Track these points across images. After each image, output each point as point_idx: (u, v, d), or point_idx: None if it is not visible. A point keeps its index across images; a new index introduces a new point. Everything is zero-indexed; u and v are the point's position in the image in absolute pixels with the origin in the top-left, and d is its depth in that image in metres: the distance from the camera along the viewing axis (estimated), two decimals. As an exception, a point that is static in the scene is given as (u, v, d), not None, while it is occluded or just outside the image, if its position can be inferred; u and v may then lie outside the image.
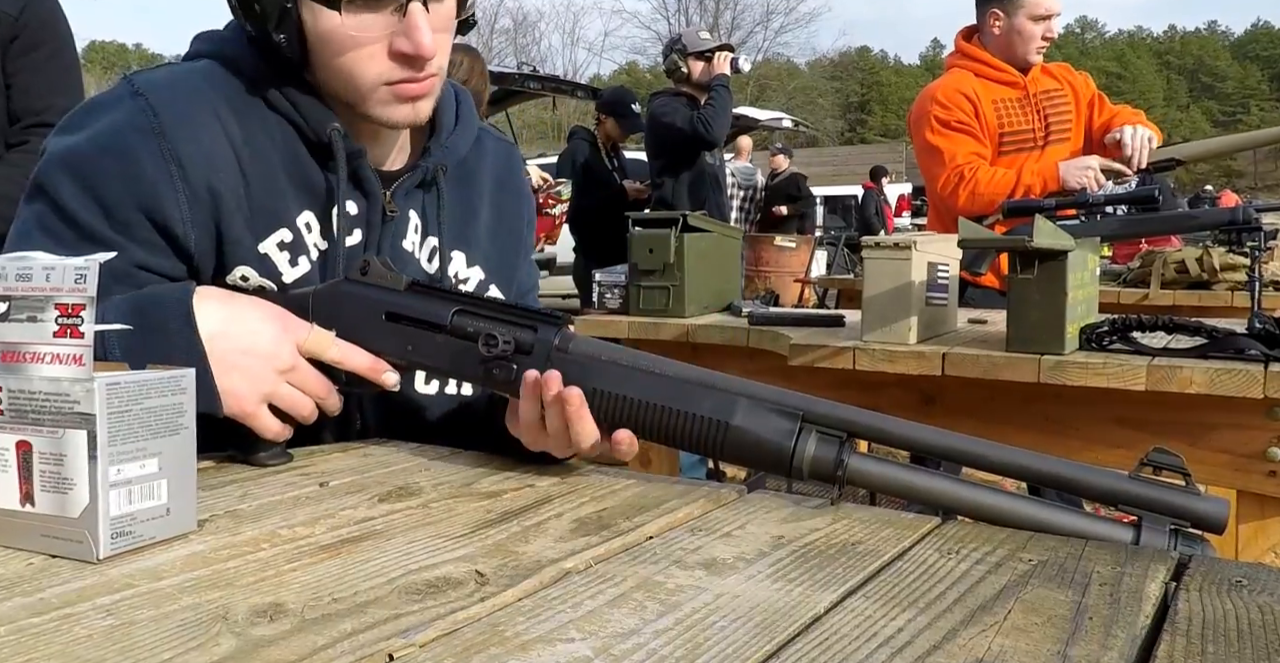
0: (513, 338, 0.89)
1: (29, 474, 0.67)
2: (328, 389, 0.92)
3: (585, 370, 0.86)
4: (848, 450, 0.80)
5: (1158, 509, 0.72)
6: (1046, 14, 2.85)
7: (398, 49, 0.96)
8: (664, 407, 0.84)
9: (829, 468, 0.80)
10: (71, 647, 0.53)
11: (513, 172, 1.24)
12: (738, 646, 0.53)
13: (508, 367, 0.89)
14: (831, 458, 0.80)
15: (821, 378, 1.96)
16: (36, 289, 0.68)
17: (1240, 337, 1.57)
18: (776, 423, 0.82)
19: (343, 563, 0.66)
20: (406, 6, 0.94)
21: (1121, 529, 0.73)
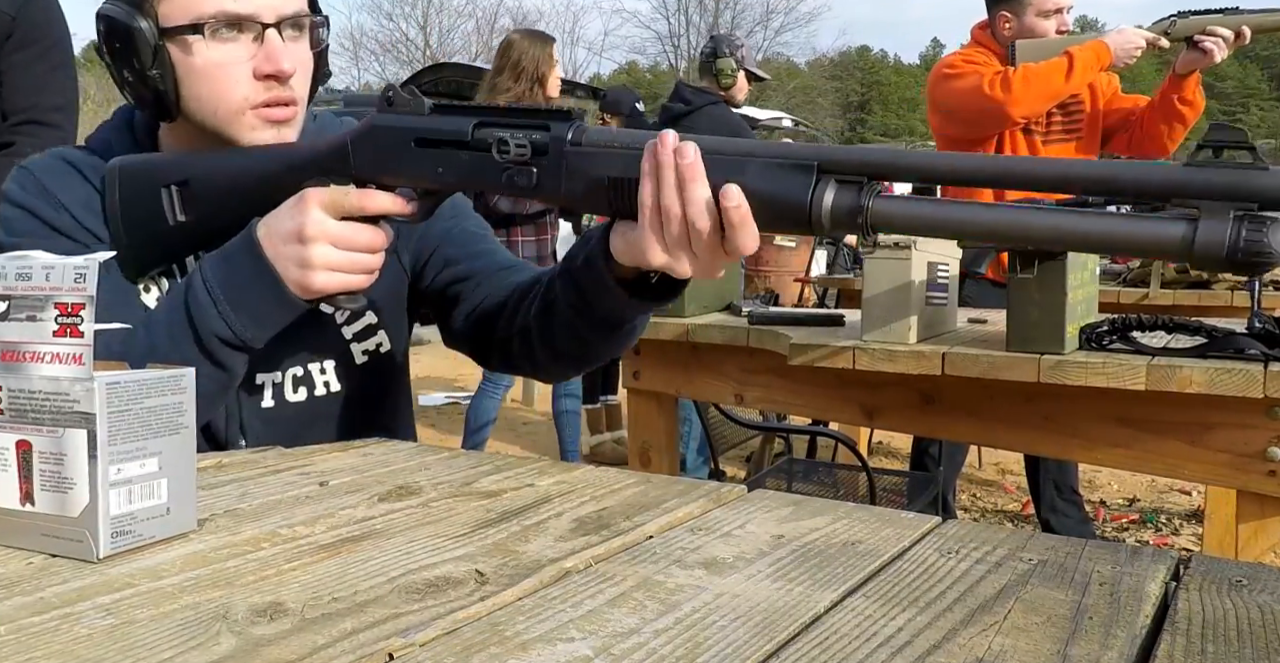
0: (527, 141, 0.87)
1: (29, 474, 0.67)
2: (369, 234, 0.97)
3: (600, 160, 0.84)
4: (868, 194, 0.74)
5: (1219, 195, 0.61)
6: (1056, 8, 2.80)
7: (260, 70, 1.04)
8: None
9: (850, 215, 0.75)
10: (71, 646, 0.53)
11: None
12: (738, 645, 0.53)
13: (526, 171, 0.87)
14: (851, 204, 0.74)
15: (821, 377, 1.96)
16: (36, 288, 0.68)
17: (1240, 336, 1.57)
18: (790, 178, 0.76)
19: (342, 562, 0.66)
20: (263, 33, 1.04)
21: (1169, 225, 0.63)
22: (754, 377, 2.15)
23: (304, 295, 0.99)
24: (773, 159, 0.78)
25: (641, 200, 0.81)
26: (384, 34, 34.83)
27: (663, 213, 0.81)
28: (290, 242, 0.96)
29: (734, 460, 4.10)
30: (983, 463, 4.19)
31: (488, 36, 34.69)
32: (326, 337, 1.16)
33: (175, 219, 1.05)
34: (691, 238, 0.81)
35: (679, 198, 0.80)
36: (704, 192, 0.79)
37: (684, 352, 2.24)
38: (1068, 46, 2.71)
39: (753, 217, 0.79)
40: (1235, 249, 0.61)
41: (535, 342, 1.09)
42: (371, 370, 1.19)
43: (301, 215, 0.96)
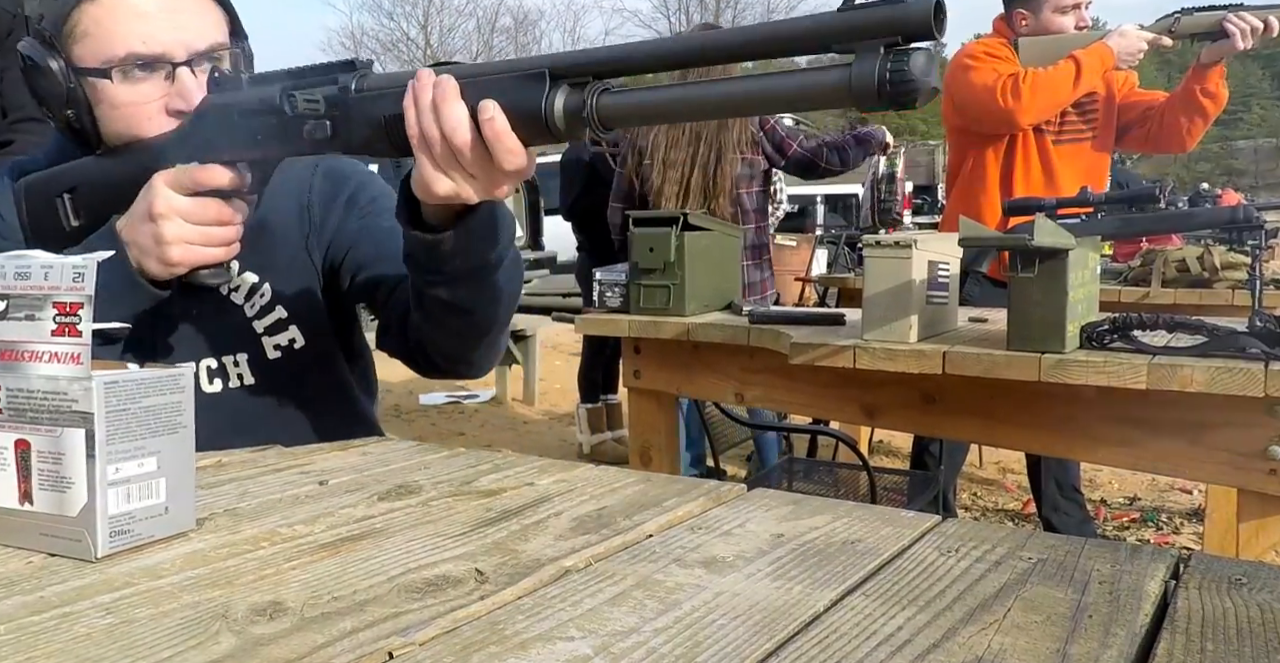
0: (320, 96, 0.91)
1: (28, 473, 0.67)
2: (216, 207, 1.01)
3: (377, 102, 0.89)
4: (592, 91, 0.78)
5: (865, 35, 0.65)
6: (1074, 3, 2.78)
7: (173, 108, 1.07)
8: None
9: (578, 113, 0.78)
10: (71, 645, 0.53)
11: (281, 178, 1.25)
12: (737, 644, 0.53)
13: (322, 125, 0.92)
14: (577, 104, 0.78)
15: (822, 376, 1.95)
16: (35, 287, 0.68)
17: (1241, 335, 1.56)
18: (528, 87, 0.80)
19: (342, 561, 0.66)
20: (174, 72, 1.06)
21: (828, 71, 0.67)
22: (754, 376, 2.15)
23: (166, 271, 1.02)
24: (513, 73, 0.82)
25: (408, 130, 0.86)
26: (384, 33, 34.84)
27: (426, 138, 0.85)
28: (144, 221, 1.01)
29: (734, 460, 4.10)
30: (984, 462, 4.19)
31: (488, 35, 34.71)
32: (236, 329, 1.19)
33: (70, 224, 1.10)
34: (458, 157, 0.85)
35: (435, 120, 0.84)
36: (458, 110, 0.83)
37: (684, 351, 2.24)
38: (1072, 48, 2.70)
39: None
40: (884, 82, 0.64)
41: (427, 330, 1.12)
42: (286, 366, 1.21)
43: (151, 195, 1.00)
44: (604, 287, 2.38)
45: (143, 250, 1.02)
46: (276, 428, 1.17)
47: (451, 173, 0.86)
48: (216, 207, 1.02)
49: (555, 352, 7.21)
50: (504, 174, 0.86)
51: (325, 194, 1.25)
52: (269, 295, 1.20)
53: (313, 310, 1.23)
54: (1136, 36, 2.69)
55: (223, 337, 1.18)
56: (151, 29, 1.05)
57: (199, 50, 1.07)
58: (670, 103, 0.78)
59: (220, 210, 1.02)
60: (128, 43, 1.05)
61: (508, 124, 0.82)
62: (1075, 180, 2.77)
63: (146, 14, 1.05)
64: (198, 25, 1.08)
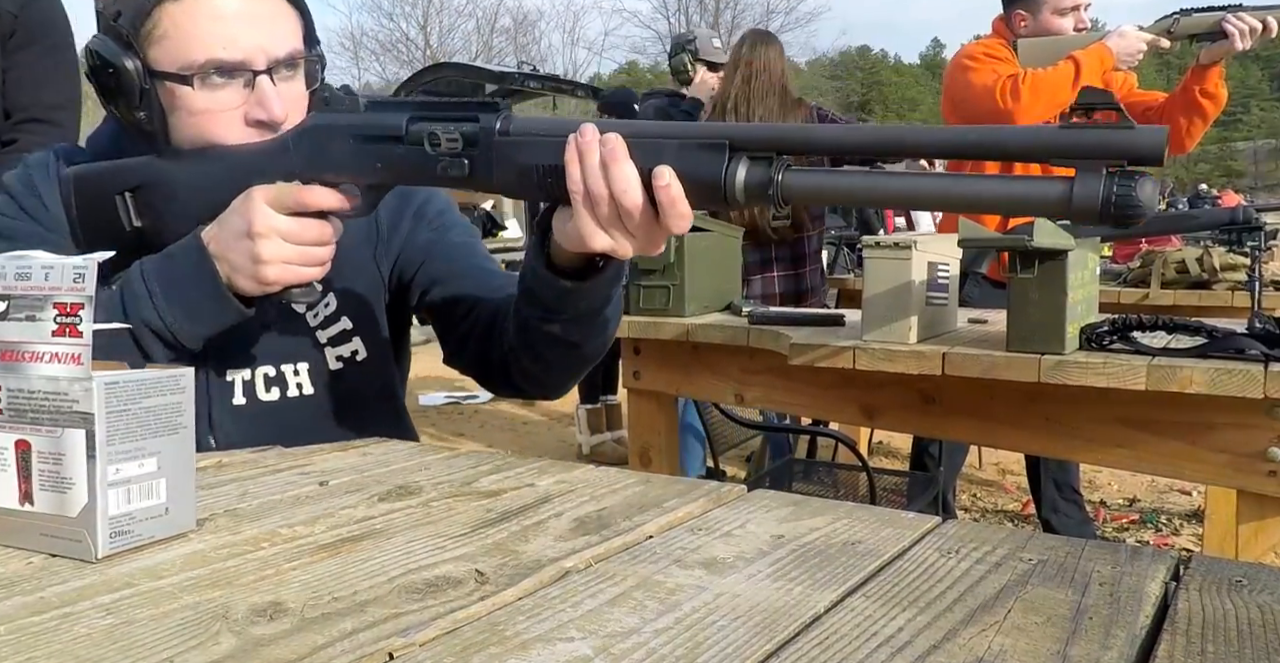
0: (458, 133, 0.90)
1: (28, 473, 0.67)
2: (317, 228, 0.99)
3: (527, 149, 0.87)
4: (779, 168, 0.78)
5: (1091, 154, 0.66)
6: (1073, 5, 2.78)
7: (253, 117, 1.04)
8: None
9: (762, 189, 0.78)
10: (71, 646, 0.53)
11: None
12: (738, 645, 0.53)
13: (459, 162, 0.90)
14: (762, 178, 0.78)
15: (822, 377, 1.95)
16: (35, 288, 0.68)
17: (1240, 336, 1.56)
18: (705, 157, 0.80)
19: (342, 562, 0.66)
20: (254, 80, 1.03)
21: (1049, 184, 0.67)
22: (754, 377, 2.15)
23: (260, 289, 0.99)
24: (688, 139, 0.81)
25: (571, 186, 0.84)
26: (384, 33, 34.87)
27: (592, 196, 0.83)
28: (241, 238, 0.98)
29: (734, 460, 4.10)
30: (983, 463, 4.19)
31: (488, 36, 34.72)
32: (298, 339, 1.17)
33: (131, 224, 1.06)
34: (624, 218, 0.84)
35: (604, 180, 0.82)
36: (629, 172, 0.82)
37: (684, 352, 2.24)
38: (1071, 50, 2.69)
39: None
40: (1108, 203, 0.65)
41: (525, 361, 1.11)
42: (347, 377, 1.19)
43: (250, 212, 0.97)
44: (604, 287, 2.38)
45: (235, 267, 0.99)
46: (331, 438, 1.13)
47: (613, 231, 0.85)
48: (318, 227, 0.99)
49: (555, 352, 7.19)
50: (666, 235, 0.86)
51: (393, 207, 1.22)
52: (334, 306, 1.18)
53: (376, 322, 1.21)
54: (1136, 37, 2.69)
55: (284, 346, 1.16)
56: (233, 34, 1.02)
57: (278, 58, 1.04)
58: (865, 189, 0.77)
59: (321, 231, 0.99)
60: (209, 48, 1.01)
61: (683, 191, 0.81)
62: None
63: (228, 17, 1.02)
64: (278, 31, 1.05)
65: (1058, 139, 0.67)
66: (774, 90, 3.22)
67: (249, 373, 1.14)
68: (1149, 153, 0.64)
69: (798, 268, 3.28)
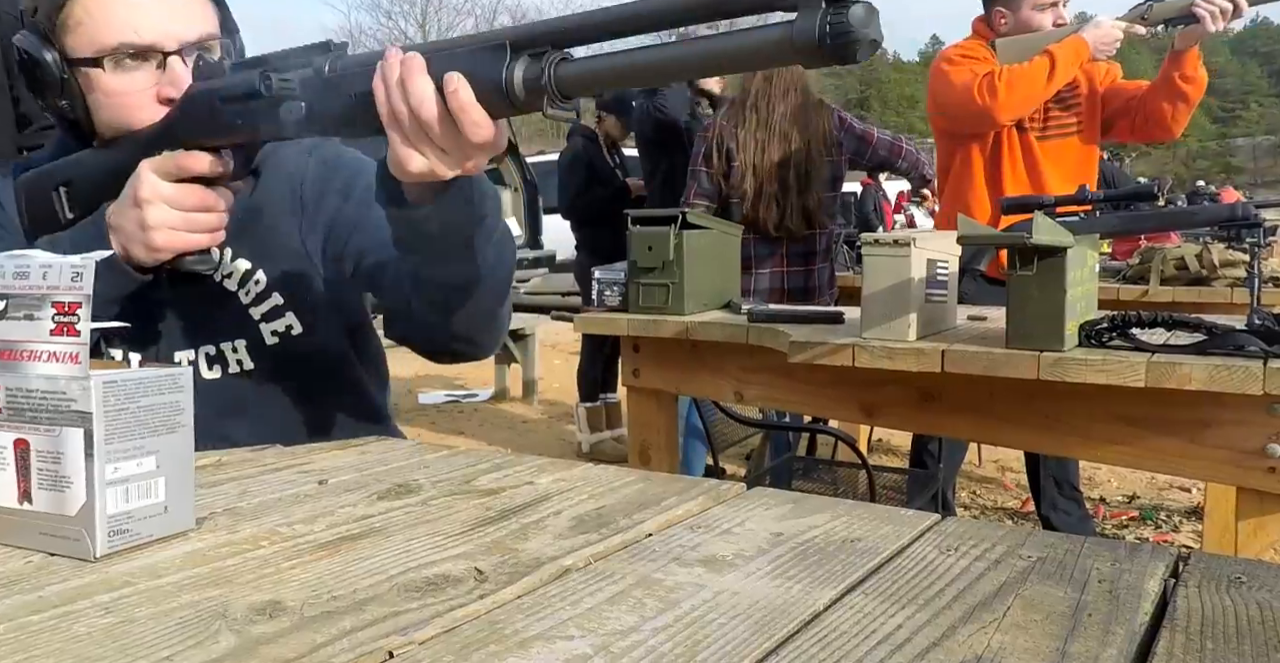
0: (294, 77, 0.93)
1: (27, 472, 0.67)
2: (199, 193, 1.03)
3: (349, 81, 0.90)
4: (550, 60, 0.78)
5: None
6: (1051, 1, 2.79)
7: (164, 95, 1.07)
8: None
9: (537, 82, 0.78)
10: (71, 644, 0.53)
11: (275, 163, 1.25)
12: (737, 643, 0.53)
13: (296, 105, 0.93)
14: (536, 74, 0.78)
15: (821, 375, 1.95)
16: (34, 287, 0.68)
17: (1240, 333, 1.56)
18: (488, 60, 0.80)
19: (342, 561, 0.66)
20: (165, 61, 1.08)
21: (772, 29, 0.68)
22: (754, 374, 2.15)
23: (151, 256, 1.03)
24: (477, 45, 0.82)
25: (379, 109, 0.86)
26: (382, 32, 34.86)
27: (396, 114, 0.85)
28: (130, 207, 1.02)
29: (734, 458, 4.10)
30: (982, 460, 4.20)
31: (486, 35, 34.68)
32: (233, 316, 1.20)
33: (65, 217, 1.12)
34: (426, 131, 0.85)
35: (403, 96, 0.84)
36: (424, 85, 0.83)
37: (683, 349, 2.24)
38: (1047, 44, 2.71)
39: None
40: (824, 36, 0.65)
41: (427, 314, 1.11)
42: (284, 352, 1.21)
43: (137, 182, 1.02)
44: (603, 285, 2.38)
45: (128, 236, 1.03)
46: (278, 413, 1.19)
47: (422, 148, 0.86)
48: (200, 193, 1.03)
49: (554, 350, 7.21)
50: (473, 147, 0.85)
51: (319, 180, 1.24)
52: (264, 282, 1.20)
53: (310, 297, 1.23)
54: (1110, 26, 2.70)
55: (220, 323, 1.19)
56: (143, 18, 1.07)
57: (189, 40, 1.08)
58: (625, 68, 0.77)
59: (204, 196, 1.03)
60: (120, 32, 1.06)
61: (473, 96, 0.82)
62: (1062, 176, 2.78)
63: (138, 4, 1.07)
64: (188, 15, 1.10)
65: None
66: (796, 87, 3.22)
67: (193, 353, 1.19)
68: None
69: (809, 264, 3.29)
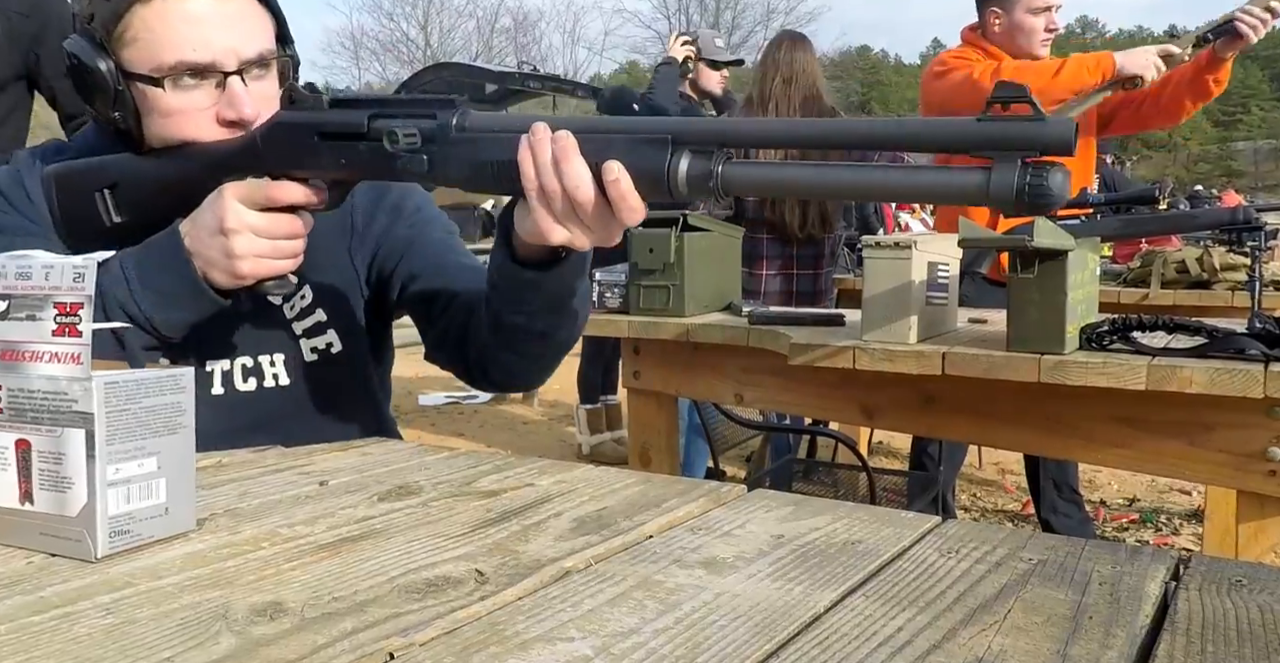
0: (416, 129, 0.92)
1: (28, 473, 0.67)
2: (287, 222, 1.01)
3: (483, 145, 0.90)
4: (718, 160, 0.81)
5: (1006, 146, 0.70)
6: (1045, 5, 2.82)
7: (225, 117, 1.05)
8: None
9: (703, 181, 0.81)
10: (71, 645, 0.53)
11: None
12: (738, 644, 0.53)
13: (418, 159, 0.93)
14: (703, 171, 0.81)
15: (821, 377, 1.95)
16: (36, 288, 0.68)
17: (1240, 336, 1.56)
18: (650, 152, 0.83)
19: (342, 562, 0.66)
20: (225, 81, 1.05)
21: (970, 174, 0.72)
22: (754, 376, 2.15)
23: (235, 283, 1.02)
24: (635, 135, 0.84)
25: (525, 183, 0.86)
26: (384, 33, 34.81)
27: (546, 192, 0.86)
28: (215, 234, 1.00)
29: (734, 460, 4.10)
30: (983, 463, 4.19)
31: (488, 36, 34.73)
32: (275, 330, 1.19)
33: (111, 220, 1.08)
34: (578, 211, 0.86)
35: (556, 176, 0.85)
36: (580, 168, 0.84)
37: (684, 351, 2.24)
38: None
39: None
40: (1022, 192, 0.69)
41: (499, 353, 1.13)
42: (321, 369, 1.21)
43: (222, 209, 1.00)
44: (604, 287, 2.38)
45: (209, 262, 1.01)
46: (305, 430, 1.16)
47: (570, 226, 0.88)
48: (288, 221, 1.01)
49: (555, 352, 7.19)
50: (622, 227, 0.88)
51: (368, 201, 1.24)
52: (310, 298, 1.19)
53: (351, 316, 1.22)
54: (1143, 50, 2.73)
55: (261, 337, 1.18)
56: (203, 35, 1.03)
57: (248, 59, 1.05)
58: (799, 180, 0.80)
59: (291, 225, 1.02)
60: (179, 50, 1.03)
61: (632, 185, 0.84)
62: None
63: (198, 19, 1.03)
64: (247, 32, 1.06)
65: (978, 131, 0.70)
66: (811, 92, 3.23)
67: (228, 363, 1.17)
68: (1057, 144, 0.68)
69: (817, 267, 3.29)
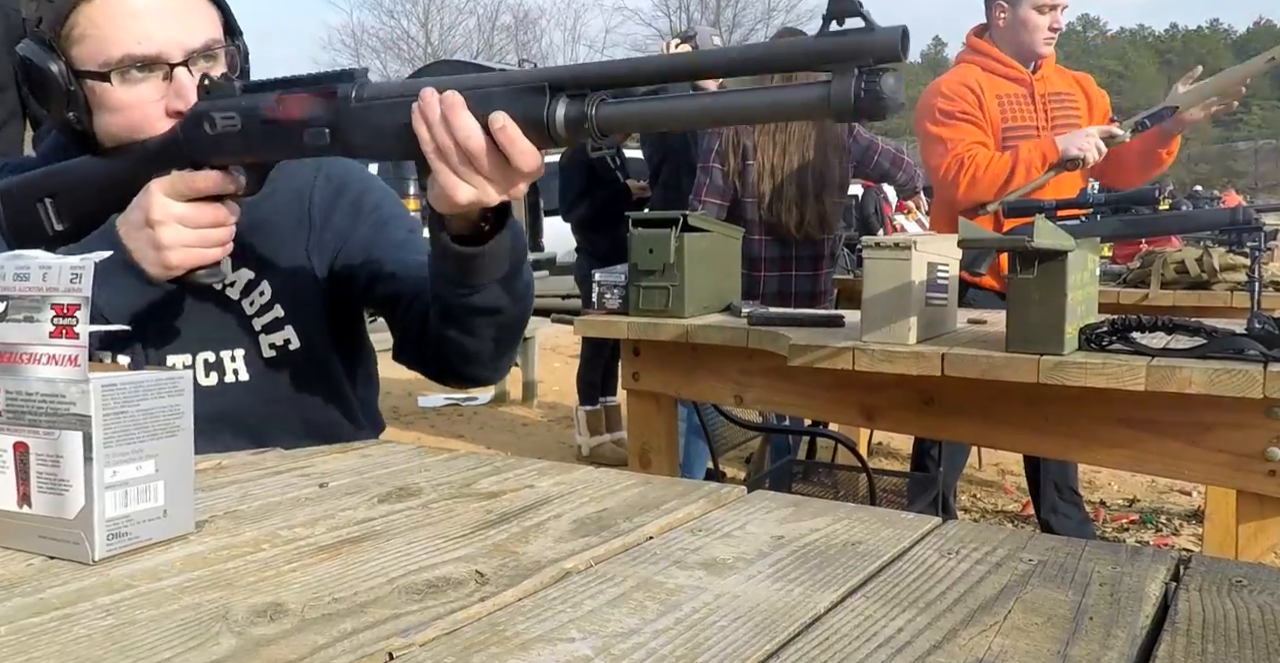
0: (318, 102, 0.96)
1: (26, 475, 0.67)
2: (211, 211, 1.04)
3: (380, 113, 0.93)
4: (592, 102, 0.84)
5: (841, 58, 0.73)
6: (1053, 4, 2.84)
7: (173, 108, 1.07)
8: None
9: (579, 122, 0.85)
10: (71, 647, 0.53)
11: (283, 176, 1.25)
12: (738, 645, 0.53)
13: (320, 132, 0.96)
14: (578, 114, 0.84)
15: (821, 378, 1.95)
16: (33, 289, 0.68)
17: (1240, 337, 1.56)
18: (530, 100, 0.86)
19: (343, 563, 0.66)
20: (172, 72, 1.07)
21: (811, 88, 0.75)
22: (753, 378, 2.15)
23: (164, 273, 1.05)
24: (515, 85, 0.87)
25: (423, 146, 0.90)
26: (385, 31, 34.80)
27: (441, 148, 0.89)
28: (142, 227, 1.03)
29: (734, 462, 4.10)
30: (983, 464, 4.19)
31: (489, 33, 34.70)
32: (235, 325, 1.20)
33: (53, 229, 1.12)
34: (473, 162, 0.89)
35: (447, 131, 0.89)
36: (468, 120, 0.88)
37: (683, 353, 2.24)
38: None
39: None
40: (859, 98, 0.72)
41: (456, 337, 1.15)
42: (280, 365, 1.22)
43: (148, 202, 1.03)
44: (603, 288, 2.38)
45: (141, 257, 1.04)
46: (268, 425, 1.19)
47: (470, 178, 0.91)
48: (212, 210, 1.04)
49: (554, 354, 7.21)
50: (520, 175, 0.91)
51: (328, 196, 1.25)
52: (269, 294, 1.21)
53: (310, 312, 1.23)
54: (1085, 133, 2.80)
55: (221, 332, 1.19)
56: (147, 28, 1.06)
57: (194, 48, 1.08)
58: (668, 112, 0.84)
59: (216, 213, 1.04)
60: (124, 44, 1.05)
61: (519, 130, 0.87)
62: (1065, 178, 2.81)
63: (141, 13, 1.06)
64: (192, 23, 1.09)
65: (817, 47, 0.74)
66: None
67: (189, 358, 1.19)
68: (886, 51, 0.72)
69: (817, 269, 3.29)
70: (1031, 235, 1.58)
